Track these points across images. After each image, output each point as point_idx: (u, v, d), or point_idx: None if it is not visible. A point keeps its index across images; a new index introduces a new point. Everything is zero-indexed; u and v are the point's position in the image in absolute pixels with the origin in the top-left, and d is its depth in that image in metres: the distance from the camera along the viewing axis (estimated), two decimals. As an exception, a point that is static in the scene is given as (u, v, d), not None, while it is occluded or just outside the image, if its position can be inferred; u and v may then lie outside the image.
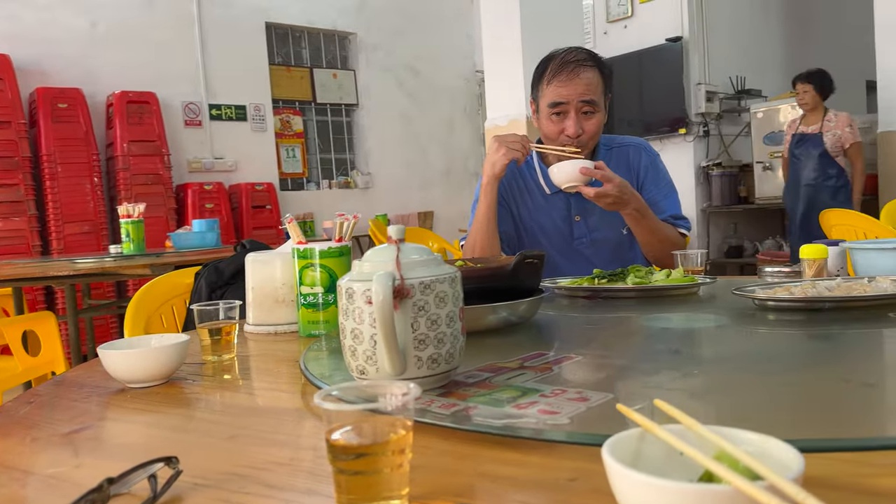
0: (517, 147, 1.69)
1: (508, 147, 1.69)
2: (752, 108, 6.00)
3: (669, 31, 6.07)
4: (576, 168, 1.60)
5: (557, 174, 1.64)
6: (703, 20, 6.10)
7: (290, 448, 0.66)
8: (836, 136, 4.88)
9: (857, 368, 0.77)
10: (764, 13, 7.02)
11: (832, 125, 4.91)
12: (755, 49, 6.71)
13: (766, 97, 6.31)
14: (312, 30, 7.42)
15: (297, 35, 7.41)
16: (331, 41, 7.62)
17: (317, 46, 7.54)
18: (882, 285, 1.11)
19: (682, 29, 6.04)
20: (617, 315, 1.24)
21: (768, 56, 6.88)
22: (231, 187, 6.43)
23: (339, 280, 0.73)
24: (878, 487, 0.48)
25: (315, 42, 7.52)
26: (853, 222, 3.28)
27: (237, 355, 1.10)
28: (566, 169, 1.62)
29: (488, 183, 1.73)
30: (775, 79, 6.78)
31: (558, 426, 0.61)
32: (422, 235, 5.10)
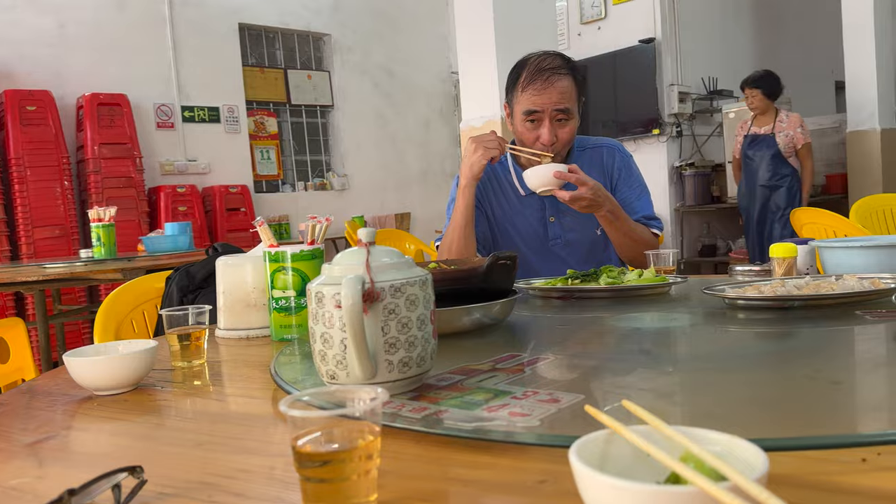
0: (493, 146, 1.70)
1: (485, 147, 1.70)
2: (724, 109, 6.08)
3: (642, 32, 6.12)
4: (549, 172, 1.61)
5: (531, 178, 1.65)
6: (676, 22, 6.16)
7: (259, 455, 0.65)
8: (789, 136, 4.92)
9: (824, 366, 0.78)
10: (735, 15, 7.11)
11: (784, 126, 4.95)
12: (727, 50, 6.80)
13: (738, 97, 6.38)
14: (286, 31, 7.37)
15: (270, 36, 7.36)
16: (305, 42, 7.58)
17: (291, 47, 7.49)
18: (849, 283, 1.12)
19: (654, 30, 6.09)
20: (590, 315, 1.24)
21: (740, 57, 6.97)
22: (204, 190, 6.37)
23: (308, 284, 0.73)
24: (843, 485, 0.49)
25: (289, 43, 7.48)
26: (823, 221, 3.33)
27: (208, 361, 1.08)
28: (540, 173, 1.63)
29: (467, 185, 1.73)
30: (746, 79, 6.87)
31: (529, 428, 0.61)
32: (399, 237, 5.08)
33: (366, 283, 0.68)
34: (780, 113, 4.99)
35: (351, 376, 0.69)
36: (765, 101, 4.98)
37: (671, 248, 1.57)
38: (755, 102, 5.02)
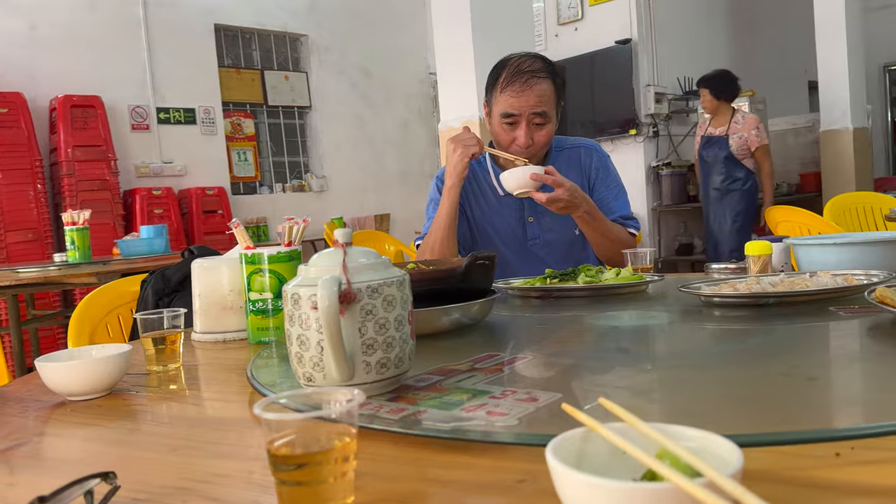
0: (472, 143, 1.71)
1: (465, 146, 1.70)
2: (699, 109, 6.12)
3: (619, 33, 6.17)
4: (526, 174, 1.62)
5: (508, 181, 1.66)
6: (652, 23, 6.21)
7: (235, 459, 0.65)
8: (742, 138, 4.76)
9: (798, 362, 0.79)
10: (710, 16, 7.19)
11: (739, 127, 4.79)
12: (702, 51, 6.87)
13: (713, 98, 6.46)
14: (263, 31, 7.32)
15: (246, 37, 7.31)
16: (282, 43, 7.54)
17: (267, 48, 7.44)
18: (823, 280, 1.14)
19: (631, 31, 6.14)
20: (568, 314, 1.25)
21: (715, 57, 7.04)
22: (181, 192, 6.30)
23: (284, 285, 0.72)
24: (818, 480, 0.49)
25: (265, 44, 7.43)
26: (797, 219, 3.37)
27: (184, 364, 1.07)
28: (517, 175, 1.64)
29: (453, 185, 1.73)
30: (721, 80, 6.94)
31: (507, 428, 0.61)
32: (378, 238, 5.07)
33: (342, 284, 0.67)
34: (735, 114, 4.85)
35: (328, 378, 0.69)
36: (713, 101, 4.85)
37: (648, 247, 1.58)
38: (704, 102, 4.93)
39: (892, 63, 8.16)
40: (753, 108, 5.78)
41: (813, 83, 6.90)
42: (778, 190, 6.22)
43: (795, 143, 6.90)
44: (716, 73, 4.93)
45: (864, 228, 3.97)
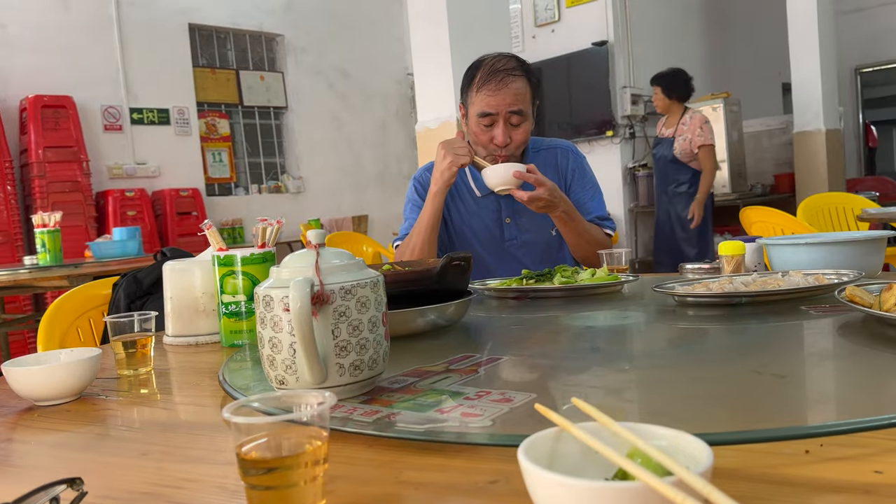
0: (463, 153, 1.70)
1: (455, 154, 1.69)
2: (670, 110, 6.18)
3: (595, 35, 6.21)
4: (509, 171, 1.62)
5: (491, 177, 1.66)
6: (628, 25, 6.26)
7: (206, 464, 0.64)
8: (687, 139, 4.60)
9: (770, 361, 0.80)
10: (685, 19, 7.27)
11: (685, 129, 4.63)
12: (677, 53, 6.93)
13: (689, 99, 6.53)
14: (238, 31, 7.27)
15: (221, 37, 7.25)
16: (257, 43, 7.48)
17: (243, 48, 7.38)
18: (794, 279, 1.15)
19: (607, 33, 6.18)
20: (544, 315, 1.25)
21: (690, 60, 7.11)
22: (154, 194, 6.23)
23: (256, 287, 0.71)
24: (788, 477, 0.50)
25: (241, 44, 7.37)
26: (771, 219, 3.42)
27: (155, 368, 1.06)
28: (499, 171, 1.64)
29: (438, 192, 1.73)
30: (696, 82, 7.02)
31: (481, 428, 0.61)
32: (356, 239, 5.05)
33: (315, 286, 0.66)
34: (685, 115, 4.69)
35: (301, 381, 0.68)
36: (664, 99, 4.72)
37: (624, 248, 1.59)
38: (656, 100, 4.78)
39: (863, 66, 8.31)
40: (728, 109, 5.85)
41: (786, 85, 7.01)
42: (752, 191, 6.31)
43: (770, 145, 7.00)
44: (669, 71, 4.83)
45: (836, 228, 4.04)
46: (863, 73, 8.48)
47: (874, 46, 7.95)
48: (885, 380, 0.70)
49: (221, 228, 6.77)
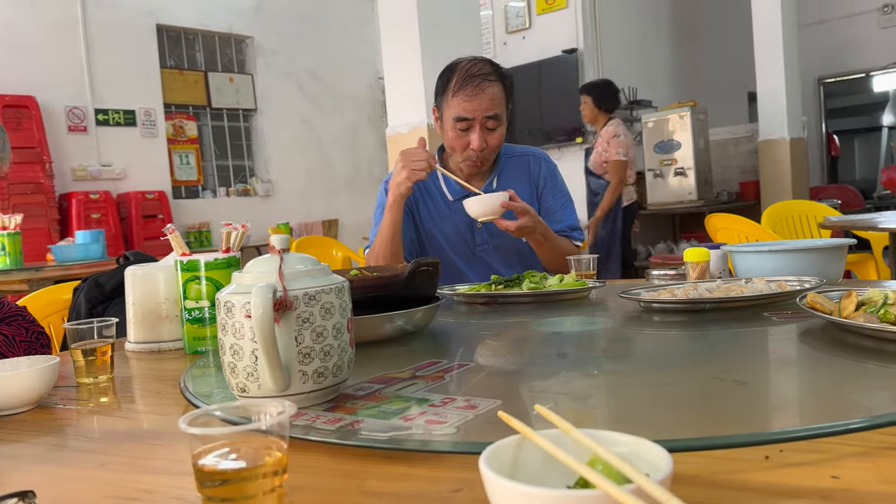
0: (421, 167, 1.67)
1: (412, 169, 1.66)
2: (643, 118, 6.27)
3: (566, 42, 6.26)
4: (496, 201, 1.59)
5: (476, 208, 1.61)
6: (598, 33, 6.33)
7: (165, 474, 0.62)
8: (598, 152, 4.53)
9: (731, 367, 0.81)
10: (654, 28, 7.37)
11: (601, 139, 4.54)
12: (646, 61, 7.03)
13: (657, 107, 6.62)
14: (207, 33, 7.19)
15: (190, 38, 7.16)
16: (226, 44, 7.41)
17: (212, 50, 7.31)
18: (758, 286, 1.17)
19: (577, 41, 6.24)
20: (512, 320, 1.25)
21: (658, 68, 7.23)
22: (119, 196, 6.13)
23: (217, 293, 0.70)
24: (748, 483, 0.50)
25: (210, 45, 7.29)
26: (736, 226, 3.47)
27: (116, 376, 1.03)
28: (486, 202, 1.60)
29: (394, 202, 1.71)
30: (665, 90, 7.14)
31: (445, 436, 0.60)
32: (325, 244, 5.01)
33: (278, 292, 0.66)
34: (607, 126, 4.57)
35: (263, 389, 0.67)
36: (593, 109, 4.60)
37: (592, 254, 1.60)
38: (584, 110, 4.67)
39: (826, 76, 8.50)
40: (695, 117, 5.93)
41: (752, 95, 7.14)
42: (718, 198, 6.40)
43: (735, 153, 7.12)
44: (600, 81, 4.77)
45: (800, 235, 4.12)
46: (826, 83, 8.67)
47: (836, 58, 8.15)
48: (843, 386, 0.71)
49: (188, 232, 6.68)
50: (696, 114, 5.97)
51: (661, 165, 6.07)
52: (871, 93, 9.88)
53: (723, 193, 6.62)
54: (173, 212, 6.44)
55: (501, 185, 1.89)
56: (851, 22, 7.95)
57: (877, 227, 3.29)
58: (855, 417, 0.56)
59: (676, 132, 5.96)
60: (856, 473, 0.50)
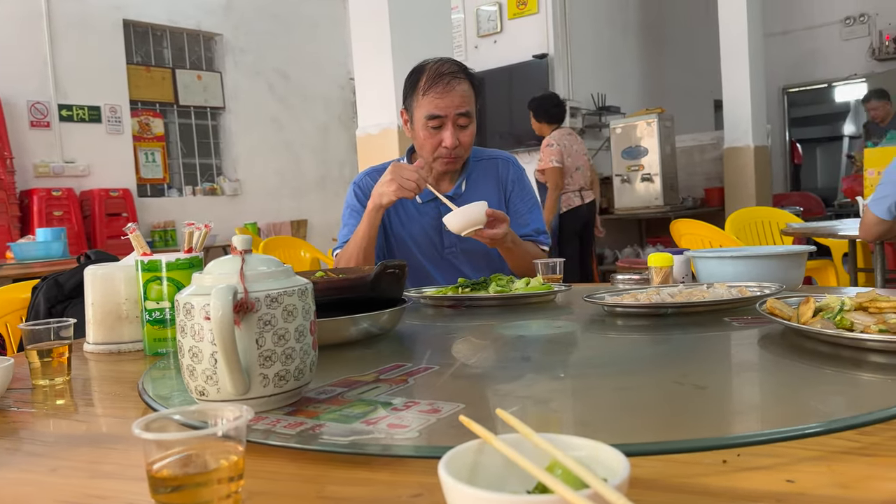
0: (410, 186, 1.64)
1: (400, 186, 1.64)
2: (611, 124, 6.34)
3: (536, 48, 6.31)
4: (482, 211, 1.55)
5: (459, 221, 1.57)
6: (568, 39, 6.39)
7: (117, 480, 0.61)
8: (541, 157, 4.71)
9: (691, 371, 0.82)
10: (623, 35, 7.45)
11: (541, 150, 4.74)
12: (615, 68, 7.11)
13: (625, 113, 6.70)
14: (175, 29, 7.09)
15: (158, 34, 7.06)
16: (195, 42, 7.31)
17: (180, 46, 7.21)
18: (719, 291, 1.19)
19: (548, 46, 6.29)
20: (478, 323, 1.25)
21: (627, 75, 7.31)
22: (83, 193, 6.01)
23: (176, 295, 0.69)
24: (705, 486, 0.51)
25: (178, 42, 7.19)
26: (700, 232, 3.53)
27: (73, 378, 1.01)
28: (470, 213, 1.56)
29: (374, 210, 1.69)
30: (633, 97, 7.22)
31: (407, 440, 0.60)
32: (294, 244, 4.97)
33: (238, 294, 0.65)
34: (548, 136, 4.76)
35: (222, 392, 0.66)
36: (536, 123, 4.83)
37: (559, 258, 1.61)
38: (533, 123, 4.90)
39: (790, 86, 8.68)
40: (662, 124, 6.01)
41: (718, 102, 7.26)
42: (683, 204, 6.50)
43: (701, 159, 7.23)
44: (541, 95, 4.96)
45: (762, 241, 4.20)
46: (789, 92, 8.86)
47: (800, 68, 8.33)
48: (800, 391, 0.72)
49: (153, 231, 6.57)
50: (663, 120, 6.06)
51: (628, 171, 6.14)
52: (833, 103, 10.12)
53: (688, 199, 6.72)
54: (138, 210, 6.33)
55: (470, 187, 1.89)
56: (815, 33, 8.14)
57: (837, 235, 3.37)
58: (811, 422, 0.57)
59: (644, 138, 6.04)
60: (811, 477, 0.51)
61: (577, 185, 4.79)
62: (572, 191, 4.78)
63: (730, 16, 6.38)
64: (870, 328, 0.82)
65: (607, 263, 6.48)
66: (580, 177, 4.79)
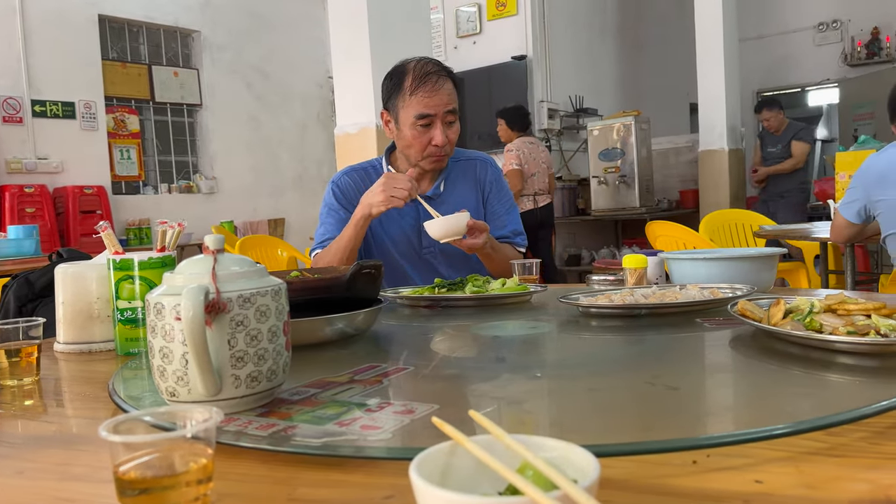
0: (401, 195, 1.63)
1: (391, 196, 1.63)
2: (588, 126, 6.38)
3: (515, 49, 6.32)
4: (463, 221, 1.56)
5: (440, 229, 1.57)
6: (546, 41, 6.41)
7: (85, 482, 0.60)
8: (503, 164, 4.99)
9: (663, 372, 0.82)
10: (601, 38, 7.50)
11: None
12: (592, 71, 7.15)
13: (602, 116, 6.74)
14: (152, 25, 7.01)
15: (134, 30, 6.97)
16: (172, 38, 7.23)
17: (156, 43, 7.12)
18: (691, 293, 1.20)
19: (526, 48, 6.31)
20: (454, 324, 1.25)
21: (604, 78, 7.36)
22: (56, 190, 5.91)
23: (147, 294, 0.68)
24: (678, 487, 0.51)
25: (154, 38, 7.11)
26: (675, 234, 3.56)
27: (43, 378, 0.99)
28: (452, 223, 1.56)
29: (363, 219, 1.69)
30: (610, 99, 7.27)
31: (380, 441, 0.60)
32: (271, 243, 4.94)
33: (210, 294, 0.64)
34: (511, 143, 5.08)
35: (193, 393, 0.65)
36: (508, 131, 5.14)
37: (535, 259, 1.61)
38: (500, 131, 5.22)
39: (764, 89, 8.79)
40: (638, 126, 6.05)
41: (693, 105, 7.34)
42: (659, 206, 6.55)
43: (676, 162, 7.31)
44: (514, 106, 5.27)
45: (736, 243, 4.25)
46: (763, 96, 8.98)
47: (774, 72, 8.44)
48: (769, 392, 0.73)
49: (127, 229, 6.49)
50: (640, 123, 6.11)
51: (605, 173, 6.18)
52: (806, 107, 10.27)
53: (664, 201, 6.78)
54: (113, 208, 6.24)
55: (448, 188, 1.89)
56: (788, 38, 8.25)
57: (809, 237, 3.43)
58: (780, 423, 0.58)
59: (620, 140, 6.08)
60: (778, 478, 0.51)
61: (531, 189, 5.12)
62: (527, 195, 5.11)
63: (705, 20, 6.46)
64: (838, 330, 0.83)
65: (584, 264, 6.52)
66: (535, 182, 5.13)
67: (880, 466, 0.53)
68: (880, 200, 2.42)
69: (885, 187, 2.40)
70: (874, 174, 2.44)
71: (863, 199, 2.49)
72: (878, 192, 2.42)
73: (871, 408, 0.60)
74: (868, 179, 2.46)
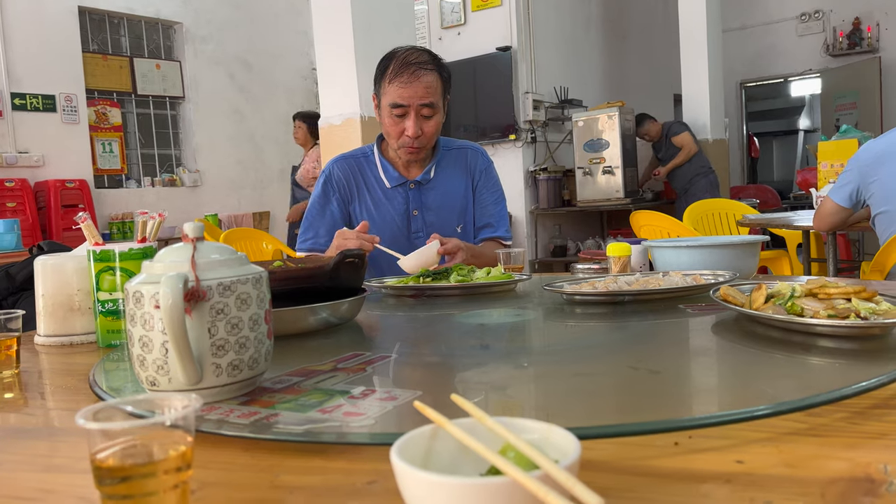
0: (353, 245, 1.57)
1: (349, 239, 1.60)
2: (573, 117, 6.38)
3: (500, 40, 6.31)
4: (433, 252, 1.57)
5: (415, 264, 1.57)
6: (531, 32, 6.40)
7: (65, 473, 0.59)
8: (307, 168, 5.13)
9: (646, 357, 0.83)
10: (585, 29, 7.50)
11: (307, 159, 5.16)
12: (577, 62, 7.14)
13: (587, 107, 6.74)
14: (133, 17, 6.92)
15: (115, 22, 6.88)
16: (153, 30, 7.15)
17: (138, 35, 7.04)
18: (674, 279, 1.20)
19: (511, 39, 6.29)
20: (439, 313, 1.25)
21: (589, 69, 7.36)
22: (37, 185, 5.84)
23: (126, 283, 0.67)
24: (659, 468, 0.52)
25: (136, 30, 7.03)
26: (658, 223, 3.58)
27: (23, 371, 0.98)
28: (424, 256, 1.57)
29: None
30: (595, 90, 7.27)
31: (362, 428, 0.60)
32: (255, 236, 4.90)
33: (189, 282, 0.63)
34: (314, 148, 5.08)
35: (173, 382, 0.64)
36: (307, 134, 5.22)
37: (521, 248, 1.62)
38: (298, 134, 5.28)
39: (747, 80, 8.85)
40: (623, 117, 6.06)
41: (678, 96, 7.36)
42: (643, 196, 6.57)
43: (662, 152, 7.31)
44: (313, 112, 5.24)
45: (719, 232, 4.28)
46: (747, 87, 9.03)
47: (757, 62, 8.49)
48: (750, 374, 0.74)
49: (110, 222, 6.43)
50: (624, 114, 6.11)
51: (590, 164, 6.19)
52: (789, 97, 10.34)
53: (648, 192, 6.80)
54: (95, 202, 6.18)
55: (439, 174, 1.92)
56: (771, 29, 8.30)
57: (791, 226, 3.45)
58: (761, 404, 0.58)
59: (605, 131, 6.09)
60: (759, 458, 0.52)
61: None
62: None
63: (689, 11, 6.47)
64: (819, 313, 0.84)
65: (569, 255, 6.53)
66: None
67: (859, 445, 0.54)
68: (874, 181, 2.44)
69: (880, 166, 2.42)
70: (871, 155, 2.46)
71: (856, 182, 2.51)
72: (873, 173, 2.44)
73: (850, 388, 0.60)
74: (864, 161, 2.48)
